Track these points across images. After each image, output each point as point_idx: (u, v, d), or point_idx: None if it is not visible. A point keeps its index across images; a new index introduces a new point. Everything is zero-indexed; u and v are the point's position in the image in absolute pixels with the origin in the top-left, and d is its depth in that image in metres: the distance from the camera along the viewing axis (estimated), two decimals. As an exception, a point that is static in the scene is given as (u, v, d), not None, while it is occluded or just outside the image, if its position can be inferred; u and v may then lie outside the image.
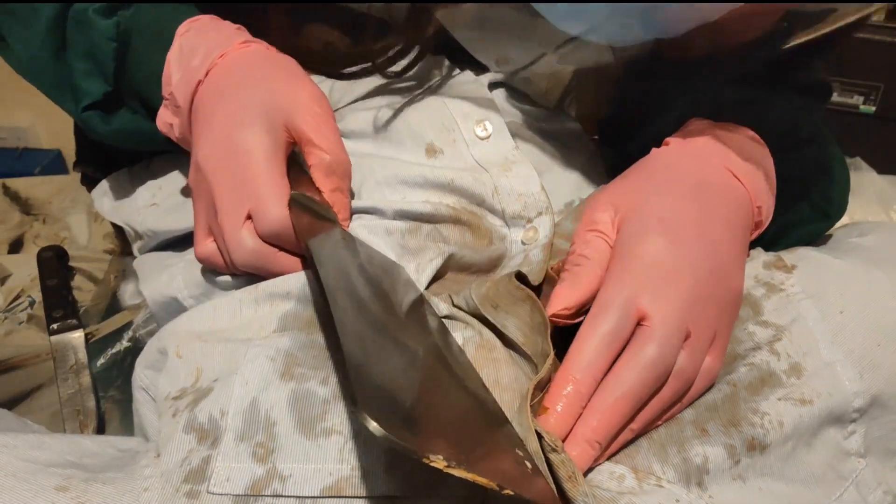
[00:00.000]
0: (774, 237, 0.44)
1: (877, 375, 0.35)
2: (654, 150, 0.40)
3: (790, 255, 0.40)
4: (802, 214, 0.45)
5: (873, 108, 1.04)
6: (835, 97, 1.04)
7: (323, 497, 0.29)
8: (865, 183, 0.86)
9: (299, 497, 0.29)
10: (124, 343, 0.56)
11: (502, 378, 0.33)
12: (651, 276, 0.32)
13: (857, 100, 1.04)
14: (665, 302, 0.32)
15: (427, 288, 0.38)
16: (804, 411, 0.33)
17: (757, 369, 0.35)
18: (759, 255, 0.41)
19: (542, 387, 0.32)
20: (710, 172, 0.37)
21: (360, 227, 0.39)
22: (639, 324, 0.32)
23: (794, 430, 0.33)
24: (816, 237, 0.45)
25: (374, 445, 0.30)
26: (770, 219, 0.40)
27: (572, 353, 0.31)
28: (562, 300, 0.34)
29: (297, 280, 0.36)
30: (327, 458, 0.30)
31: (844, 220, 0.83)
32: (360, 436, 0.31)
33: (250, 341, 0.34)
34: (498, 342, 0.35)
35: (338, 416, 0.31)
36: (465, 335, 0.35)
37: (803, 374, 0.35)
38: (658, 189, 0.36)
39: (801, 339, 0.36)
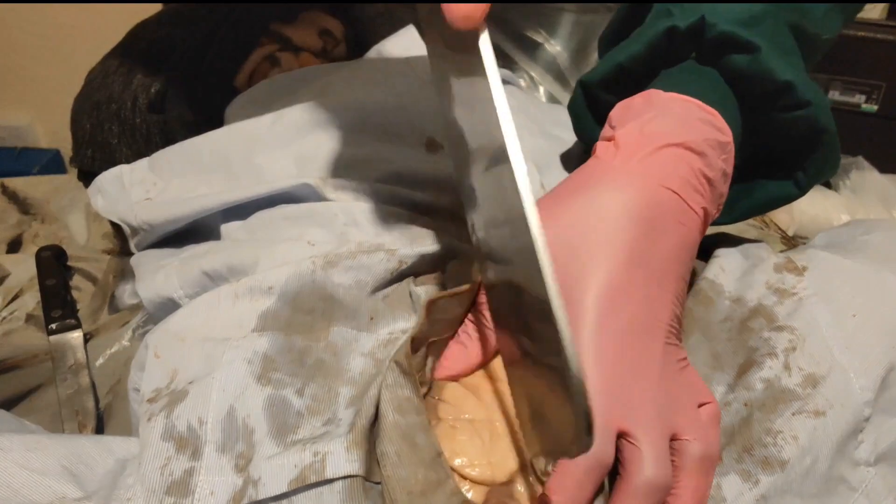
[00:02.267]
0: (736, 197, 0.41)
1: (887, 381, 0.34)
2: (595, 162, 0.35)
3: (800, 256, 0.40)
4: (772, 179, 0.41)
5: (875, 107, 1.03)
6: (836, 96, 1.04)
7: (293, 493, 0.29)
8: (867, 182, 0.86)
9: (274, 498, 0.29)
10: (123, 343, 0.56)
11: None
12: (620, 384, 0.30)
13: (858, 99, 1.04)
14: (641, 411, 0.29)
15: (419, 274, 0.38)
16: (817, 423, 0.33)
17: (770, 387, 0.34)
18: (770, 257, 0.40)
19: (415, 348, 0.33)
20: (660, 208, 0.33)
21: (359, 210, 0.39)
22: (620, 437, 0.30)
23: (810, 444, 0.33)
24: (778, 205, 0.41)
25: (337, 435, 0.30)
26: (720, 212, 0.37)
27: (552, 488, 0.29)
28: (451, 366, 0.34)
29: (278, 275, 0.36)
30: (291, 454, 0.30)
31: (846, 218, 0.83)
32: (327, 434, 0.31)
33: (228, 341, 0.34)
34: None
35: (309, 431, 0.32)
36: None
37: (819, 384, 0.34)
38: (600, 247, 0.31)
39: (814, 347, 0.35)
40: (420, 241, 0.39)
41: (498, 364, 0.35)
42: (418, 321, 0.33)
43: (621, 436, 0.30)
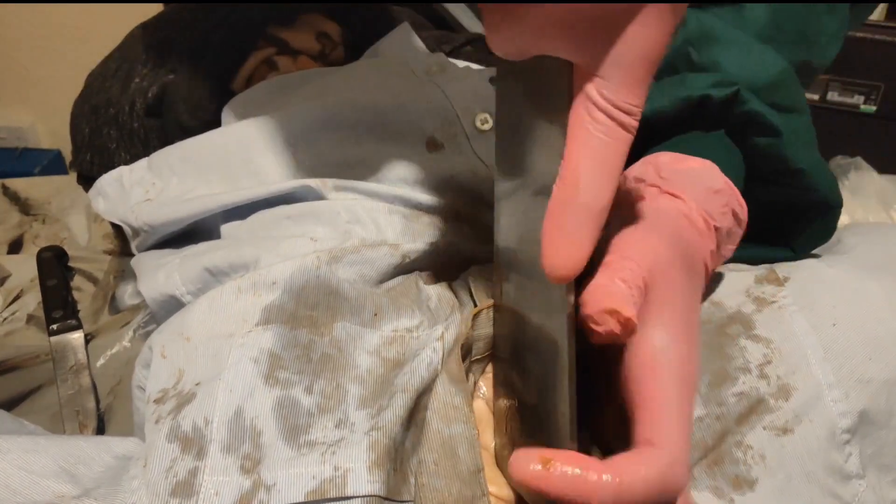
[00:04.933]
0: None
1: (865, 391, 0.34)
2: (658, 210, 0.35)
3: (782, 267, 0.39)
4: (768, 245, 0.43)
5: (874, 108, 1.03)
6: (835, 97, 1.04)
7: (308, 503, 0.29)
8: (866, 183, 0.86)
9: None
10: (124, 343, 0.56)
11: None
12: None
13: (857, 99, 1.04)
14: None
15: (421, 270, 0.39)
16: (785, 441, 0.33)
17: (746, 398, 0.34)
18: (752, 269, 0.40)
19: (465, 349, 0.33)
20: (700, 263, 0.34)
21: (361, 208, 0.40)
22: None
23: (779, 463, 0.33)
24: (769, 262, 0.42)
25: (356, 445, 0.30)
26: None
27: (625, 467, 0.27)
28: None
29: (283, 269, 0.36)
30: (309, 462, 0.30)
31: (844, 219, 0.83)
32: (343, 441, 0.31)
33: (232, 337, 0.34)
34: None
35: (321, 431, 0.31)
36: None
37: (791, 396, 0.34)
38: (674, 284, 0.31)
39: (791, 357, 0.34)
40: (423, 238, 0.39)
41: None
42: (462, 329, 0.33)
43: None
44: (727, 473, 0.32)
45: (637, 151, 0.37)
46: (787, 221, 0.41)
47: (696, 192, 0.35)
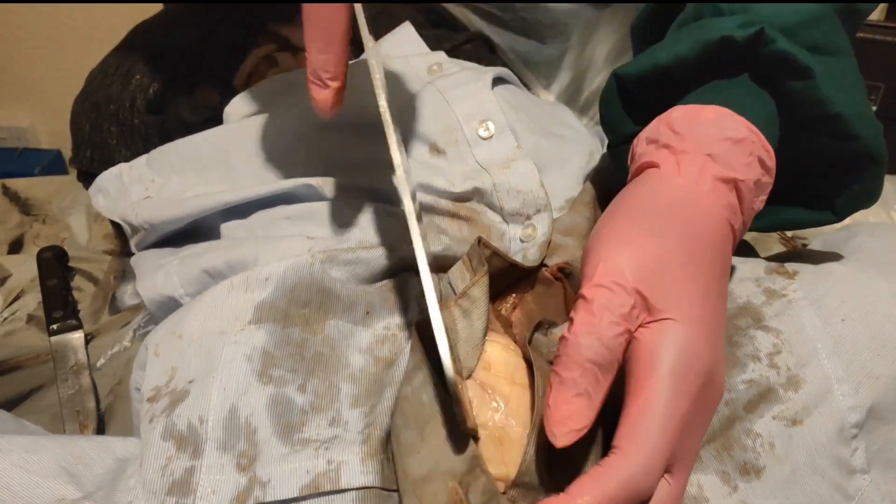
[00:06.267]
0: (764, 214, 0.38)
1: (874, 387, 0.34)
2: (661, 179, 0.33)
3: (792, 261, 0.39)
4: (807, 206, 0.39)
5: (874, 108, 1.03)
6: (835, 96, 1.04)
7: (304, 498, 0.29)
8: (866, 182, 0.86)
9: (281, 501, 0.29)
10: (124, 343, 0.56)
11: None
12: (685, 436, 0.28)
13: (857, 99, 1.04)
14: (687, 465, 0.28)
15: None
16: (794, 432, 0.33)
17: (756, 386, 0.34)
18: (762, 260, 0.40)
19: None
20: (716, 234, 0.31)
21: (360, 211, 0.40)
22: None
23: (786, 453, 0.33)
24: (808, 227, 0.40)
25: (350, 443, 0.30)
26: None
27: (586, 486, 0.26)
28: (578, 419, 0.27)
29: (276, 267, 0.36)
30: (303, 457, 0.30)
31: (845, 220, 0.83)
32: (337, 438, 0.31)
33: (225, 334, 0.34)
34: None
35: (315, 429, 0.32)
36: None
37: (801, 388, 0.34)
38: (676, 275, 0.29)
39: (801, 349, 0.35)
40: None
41: (519, 367, 0.34)
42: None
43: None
44: (736, 459, 0.33)
45: (661, 108, 0.35)
46: (829, 178, 0.37)
47: (713, 144, 0.32)
